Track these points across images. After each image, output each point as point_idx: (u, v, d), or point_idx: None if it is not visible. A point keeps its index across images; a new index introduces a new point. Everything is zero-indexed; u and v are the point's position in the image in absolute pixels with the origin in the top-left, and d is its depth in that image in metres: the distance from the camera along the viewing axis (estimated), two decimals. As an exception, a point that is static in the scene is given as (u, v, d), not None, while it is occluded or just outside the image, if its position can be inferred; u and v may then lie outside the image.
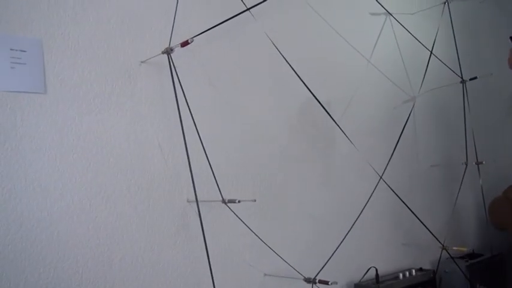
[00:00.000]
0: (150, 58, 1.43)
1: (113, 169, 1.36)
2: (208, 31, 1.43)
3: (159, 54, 1.39)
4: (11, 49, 1.23)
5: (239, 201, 1.34)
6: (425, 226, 2.01)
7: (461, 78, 2.44)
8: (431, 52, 2.30)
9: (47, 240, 1.22)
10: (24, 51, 1.25)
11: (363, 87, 2.14)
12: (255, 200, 1.40)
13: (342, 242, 1.73)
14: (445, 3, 2.39)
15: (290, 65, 1.59)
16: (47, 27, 1.28)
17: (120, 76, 1.41)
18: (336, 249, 1.71)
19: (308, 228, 1.83)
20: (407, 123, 2.20)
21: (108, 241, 1.33)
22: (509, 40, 2.06)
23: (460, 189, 2.38)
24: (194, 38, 1.32)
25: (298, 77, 1.61)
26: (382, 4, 2.23)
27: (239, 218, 1.42)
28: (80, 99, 1.33)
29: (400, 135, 2.07)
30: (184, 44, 1.27)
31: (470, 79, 2.41)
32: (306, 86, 1.62)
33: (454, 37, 2.45)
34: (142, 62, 1.45)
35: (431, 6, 2.41)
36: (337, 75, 2.06)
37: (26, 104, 1.23)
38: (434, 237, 2.07)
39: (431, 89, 2.42)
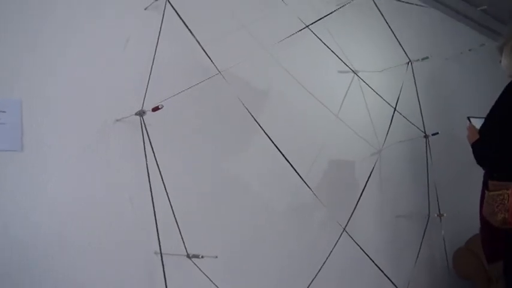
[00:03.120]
0: (124, 117, 1.52)
1: (85, 223, 1.43)
2: (182, 92, 1.54)
3: (132, 115, 1.48)
4: (-9, 110, 1.31)
5: (202, 257, 1.41)
6: (387, 278, 2.08)
7: (424, 133, 2.58)
8: (394, 109, 2.44)
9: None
10: (4, 111, 1.33)
11: (331, 142, 2.26)
12: (216, 257, 1.47)
13: (303, 293, 1.80)
14: (408, 63, 2.56)
15: (260, 126, 1.68)
16: (27, 88, 1.38)
17: (96, 133, 1.49)
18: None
19: (273, 281, 1.89)
20: (373, 175, 2.31)
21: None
22: (467, 120, 2.24)
23: (422, 240, 2.48)
24: (167, 100, 1.42)
25: (268, 136, 1.71)
26: (353, 62, 2.38)
27: (203, 272, 1.49)
28: (56, 156, 1.40)
29: (364, 187, 2.18)
30: (155, 109, 1.37)
31: (433, 134, 2.55)
32: (274, 144, 1.71)
33: (417, 94, 2.61)
34: (117, 120, 1.54)
35: (395, 66, 2.57)
36: (307, 131, 2.17)
37: (1, 161, 1.30)
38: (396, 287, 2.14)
39: (396, 142, 2.56)
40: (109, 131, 1.51)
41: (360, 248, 2.01)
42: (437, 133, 2.56)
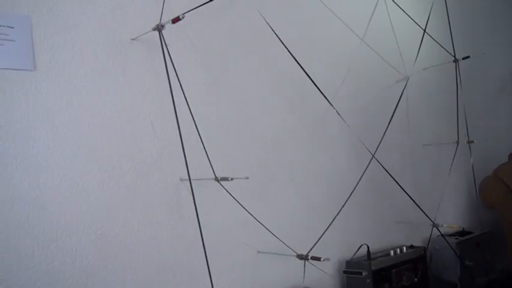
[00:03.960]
0: (141, 35, 1.41)
1: (105, 147, 1.35)
2: (201, 7, 1.42)
3: (150, 31, 1.37)
4: (-1, 25, 1.20)
5: (232, 179, 1.34)
6: (416, 204, 2.03)
7: (454, 57, 2.44)
8: (424, 30, 2.29)
9: (39, 219, 1.22)
10: (12, 27, 1.22)
11: (356, 67, 2.13)
12: (247, 178, 1.40)
13: (333, 220, 1.75)
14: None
15: (283, 43, 1.58)
16: (35, 3, 1.26)
17: (111, 53, 1.39)
18: (327, 227, 1.72)
19: (301, 207, 1.84)
20: (400, 102, 2.19)
21: (102, 219, 1.33)
22: None
23: (451, 168, 2.40)
24: (186, 14, 1.30)
25: (291, 55, 1.60)
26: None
27: (232, 196, 1.42)
28: (71, 76, 1.31)
29: (393, 114, 2.07)
30: (176, 20, 1.25)
31: (463, 58, 2.41)
32: (299, 64, 1.61)
33: (448, 16, 2.44)
34: (133, 39, 1.42)
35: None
36: (330, 54, 2.04)
37: (14, 81, 1.21)
38: (426, 215, 2.09)
39: (423, 68, 2.43)
40: (126, 50, 1.40)
41: (390, 175, 1.94)
42: (468, 57, 2.41)
